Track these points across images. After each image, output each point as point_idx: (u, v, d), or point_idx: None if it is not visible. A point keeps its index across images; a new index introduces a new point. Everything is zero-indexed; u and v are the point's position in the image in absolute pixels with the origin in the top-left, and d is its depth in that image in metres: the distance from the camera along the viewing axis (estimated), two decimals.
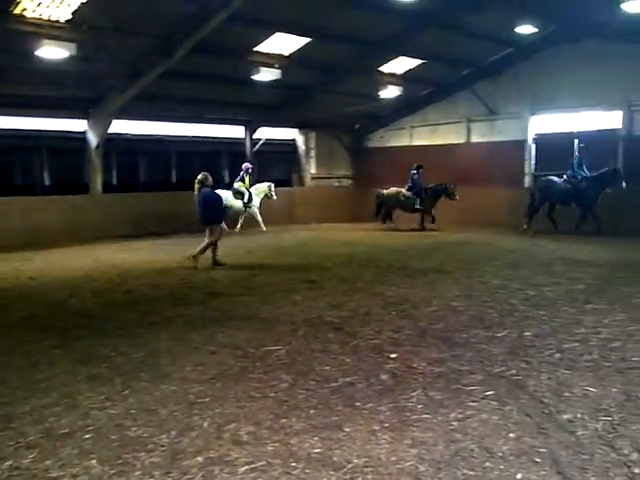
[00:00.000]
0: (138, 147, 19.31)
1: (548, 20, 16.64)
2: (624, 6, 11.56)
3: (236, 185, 17.95)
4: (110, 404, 4.64)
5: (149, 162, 19.95)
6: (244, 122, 20.81)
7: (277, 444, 3.90)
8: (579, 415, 4.33)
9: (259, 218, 18.07)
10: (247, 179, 18.02)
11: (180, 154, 20.34)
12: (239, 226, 18.04)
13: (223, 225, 11.71)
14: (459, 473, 3.54)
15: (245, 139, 20.98)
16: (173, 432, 4.10)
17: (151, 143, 19.41)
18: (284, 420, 4.28)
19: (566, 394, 4.75)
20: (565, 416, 4.32)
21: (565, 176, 16.16)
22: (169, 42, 14.06)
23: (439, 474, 3.53)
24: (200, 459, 3.71)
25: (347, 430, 4.10)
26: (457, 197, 18.02)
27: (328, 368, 5.44)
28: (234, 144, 21.03)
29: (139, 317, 7.53)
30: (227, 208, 16.37)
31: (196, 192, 11.45)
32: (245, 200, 17.76)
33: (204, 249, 11.31)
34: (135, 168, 19.58)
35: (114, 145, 18.17)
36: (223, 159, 21.53)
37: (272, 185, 18.52)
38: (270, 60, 16.26)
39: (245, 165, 18.24)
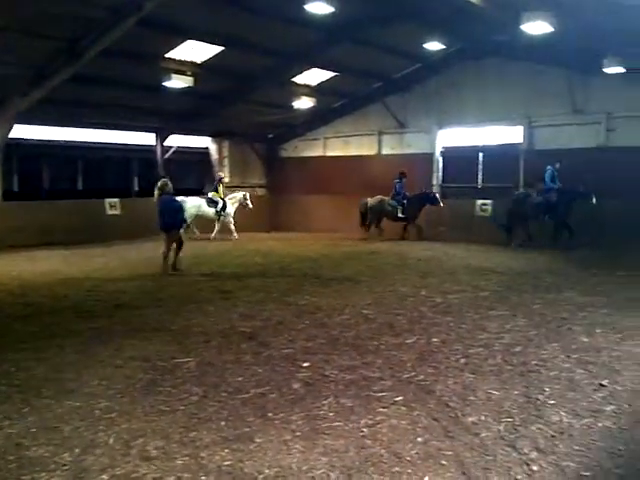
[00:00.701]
0: (42, 153, 18.51)
1: (454, 38, 17.34)
2: (524, 27, 12.19)
3: (210, 194, 18.33)
4: (8, 423, 4.39)
5: (54, 169, 19.15)
6: (155, 129, 20.35)
7: (187, 458, 3.82)
8: (483, 417, 4.51)
9: (232, 227, 18.34)
10: (220, 188, 18.34)
11: (87, 161, 19.67)
12: (214, 234, 18.19)
13: (181, 231, 11.90)
14: (369, 479, 3.60)
15: (156, 146, 20.51)
16: (77, 450, 3.93)
17: (56, 149, 18.67)
18: (194, 433, 4.20)
19: (471, 397, 4.93)
20: (470, 419, 4.49)
21: (537, 191, 16.20)
22: (77, 45, 13.53)
23: None
24: (105, 477, 3.58)
25: (258, 441, 4.08)
26: (441, 204, 18.11)
27: (240, 379, 5.39)
28: (144, 151, 20.53)
29: (41, 330, 7.17)
30: (199, 216, 17.75)
31: (155, 198, 11.61)
32: (218, 209, 18.03)
33: (177, 254, 11.67)
34: (39, 175, 18.73)
35: (16, 150, 17.33)
36: (133, 166, 20.99)
37: (247, 194, 18.86)
38: (182, 67, 16.00)
39: (218, 175, 18.74)
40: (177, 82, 15.82)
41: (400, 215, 18.24)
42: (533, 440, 4.12)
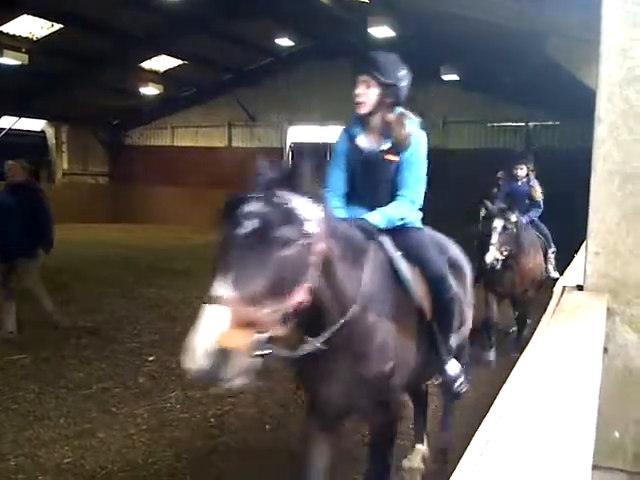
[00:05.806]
0: None
1: (304, 36, 17.65)
2: (371, 31, 12.70)
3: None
4: None
5: None
6: None
7: (22, 458, 3.61)
8: None
9: None
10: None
11: None
12: None
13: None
14: (215, 468, 3.62)
15: None
16: None
17: None
18: (29, 432, 3.98)
19: None
20: None
21: None
22: None
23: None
24: None
25: (101, 436, 3.95)
26: None
27: (82, 375, 5.16)
28: None
29: None
30: None
31: None
32: None
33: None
34: None
35: None
36: None
37: None
38: (16, 43, 14.78)
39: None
40: (9, 59, 14.59)
41: None
42: None
